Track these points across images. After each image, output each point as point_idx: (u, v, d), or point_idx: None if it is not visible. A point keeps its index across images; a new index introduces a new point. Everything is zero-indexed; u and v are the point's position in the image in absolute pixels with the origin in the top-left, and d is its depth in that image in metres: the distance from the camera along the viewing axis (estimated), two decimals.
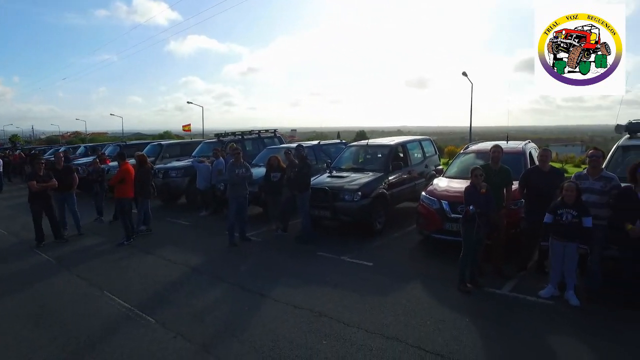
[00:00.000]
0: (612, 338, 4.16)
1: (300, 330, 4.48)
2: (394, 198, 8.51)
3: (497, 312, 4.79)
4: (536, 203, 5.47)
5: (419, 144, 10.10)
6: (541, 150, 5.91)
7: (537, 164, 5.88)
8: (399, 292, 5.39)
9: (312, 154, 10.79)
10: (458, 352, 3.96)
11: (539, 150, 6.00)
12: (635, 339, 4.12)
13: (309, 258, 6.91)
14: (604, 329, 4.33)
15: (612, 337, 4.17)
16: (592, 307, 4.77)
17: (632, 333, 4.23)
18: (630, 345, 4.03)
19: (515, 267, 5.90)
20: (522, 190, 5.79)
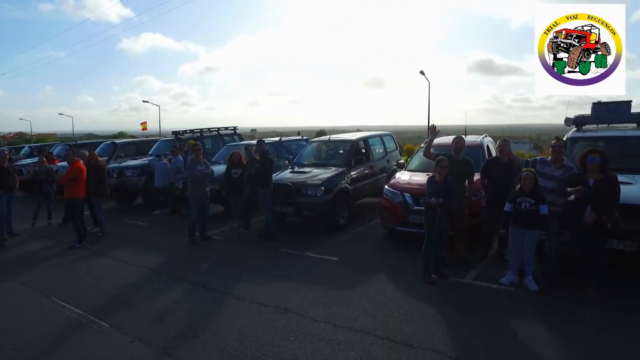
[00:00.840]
0: (568, 318, 4.32)
1: (266, 328, 4.34)
2: (356, 193, 8.51)
3: (462, 301, 4.85)
4: (496, 193, 5.60)
5: (380, 139, 10.17)
6: (500, 141, 6.07)
7: (496, 155, 6.01)
8: (365, 285, 5.36)
9: (273, 151, 10.62)
10: (427, 341, 3.96)
11: (498, 141, 6.15)
12: (588, 318, 4.29)
13: (272, 254, 6.76)
14: (561, 311, 4.48)
15: (568, 318, 4.33)
16: (549, 291, 4.93)
17: (585, 312, 4.40)
18: (583, 323, 4.21)
19: (477, 257, 6.02)
20: (483, 181, 5.92)
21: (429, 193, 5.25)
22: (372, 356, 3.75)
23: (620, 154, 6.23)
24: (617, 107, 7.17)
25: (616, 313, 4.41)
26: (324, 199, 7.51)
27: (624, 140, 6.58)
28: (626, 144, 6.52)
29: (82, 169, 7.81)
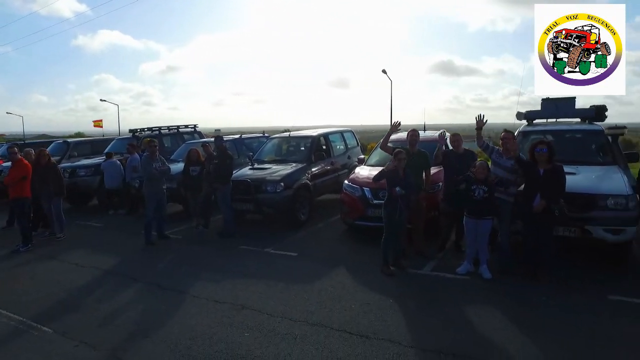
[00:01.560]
0: (520, 303, 4.47)
1: (221, 325, 4.23)
2: (317, 189, 8.48)
3: (419, 291, 4.91)
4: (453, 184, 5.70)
5: (341, 136, 10.19)
6: (452, 135, 6.18)
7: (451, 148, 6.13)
8: (323, 279, 5.33)
9: (233, 148, 10.44)
10: (383, 331, 3.97)
11: (450, 135, 6.27)
12: (537, 303, 4.45)
13: (231, 252, 6.63)
14: (513, 296, 4.62)
15: (520, 302, 4.48)
16: (502, 278, 5.07)
17: (535, 299, 4.54)
18: (533, 307, 4.37)
19: (435, 248, 6.11)
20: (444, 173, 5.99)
21: (391, 183, 5.27)
22: (328, 348, 3.72)
23: (566, 146, 6.53)
24: (563, 103, 7.50)
25: (563, 295, 4.59)
26: (284, 195, 7.44)
27: (569, 133, 6.90)
28: (571, 137, 6.84)
29: (28, 166, 7.38)
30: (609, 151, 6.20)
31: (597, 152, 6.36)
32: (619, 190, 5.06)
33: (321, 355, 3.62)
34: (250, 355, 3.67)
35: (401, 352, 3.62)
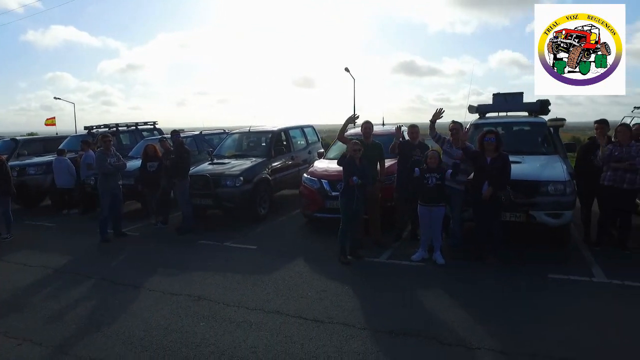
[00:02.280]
0: (469, 285, 4.68)
1: (176, 316, 4.19)
2: (277, 183, 8.51)
3: (375, 278, 5.04)
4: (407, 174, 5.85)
5: (301, 131, 10.24)
6: (409, 127, 6.36)
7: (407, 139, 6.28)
8: (281, 269, 5.37)
9: (194, 145, 10.29)
10: (337, 316, 4.06)
11: (408, 127, 6.45)
12: (486, 284, 4.68)
13: (190, 247, 6.56)
14: (464, 280, 4.83)
15: (470, 285, 4.69)
16: (454, 263, 5.28)
17: (484, 280, 4.78)
18: (482, 288, 4.59)
19: (392, 238, 6.27)
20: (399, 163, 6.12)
21: (348, 173, 5.36)
22: (283, 333, 3.77)
23: (514, 137, 6.87)
24: (512, 98, 7.88)
25: (509, 276, 4.85)
26: (243, 189, 7.42)
27: (516, 125, 7.27)
28: (518, 129, 7.20)
29: None
30: (551, 142, 6.58)
31: (540, 142, 6.72)
32: (558, 177, 5.38)
33: (276, 340, 3.66)
34: (205, 343, 3.67)
35: (354, 334, 3.71)
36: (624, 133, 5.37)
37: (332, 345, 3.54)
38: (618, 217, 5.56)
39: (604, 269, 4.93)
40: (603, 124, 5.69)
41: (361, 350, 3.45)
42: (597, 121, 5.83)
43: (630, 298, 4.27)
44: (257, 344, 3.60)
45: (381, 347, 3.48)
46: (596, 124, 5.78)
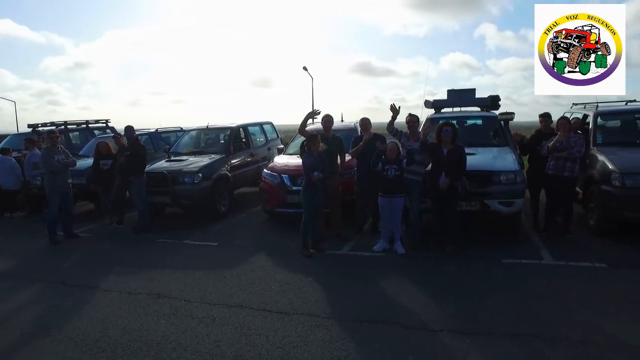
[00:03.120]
0: (429, 272, 4.82)
1: (135, 315, 4.05)
2: (237, 180, 8.39)
3: (338, 269, 5.08)
4: (365, 167, 5.94)
5: (260, 128, 10.15)
6: (360, 120, 6.40)
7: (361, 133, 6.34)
8: (243, 264, 5.31)
9: (149, 143, 9.95)
10: (302, 307, 4.06)
11: (359, 121, 6.48)
12: (445, 271, 4.84)
13: (148, 246, 6.34)
14: (423, 267, 4.97)
15: (429, 272, 4.83)
16: (415, 253, 5.41)
17: (443, 267, 4.94)
18: (441, 275, 4.74)
19: (353, 231, 6.34)
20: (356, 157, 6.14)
21: (309, 167, 5.37)
22: (246, 327, 3.72)
23: (467, 131, 7.15)
24: (465, 94, 8.19)
25: (466, 262, 5.03)
26: (202, 186, 7.26)
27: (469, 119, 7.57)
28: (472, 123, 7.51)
29: None
30: (502, 134, 6.90)
31: (492, 135, 7.03)
32: (509, 167, 5.65)
33: (240, 334, 3.61)
34: (165, 340, 3.56)
35: (320, 324, 3.73)
36: (564, 125, 5.74)
37: (297, 336, 3.54)
38: (562, 205, 5.91)
39: (551, 252, 5.24)
40: (547, 116, 6.10)
41: (327, 338, 3.47)
42: (541, 114, 6.21)
43: (574, 276, 4.57)
44: (221, 338, 3.54)
45: (346, 335, 3.52)
46: (541, 117, 6.16)
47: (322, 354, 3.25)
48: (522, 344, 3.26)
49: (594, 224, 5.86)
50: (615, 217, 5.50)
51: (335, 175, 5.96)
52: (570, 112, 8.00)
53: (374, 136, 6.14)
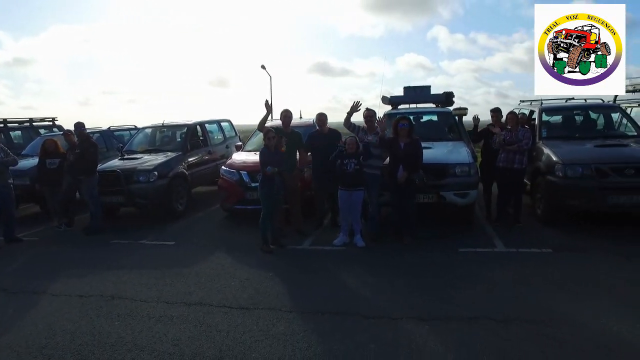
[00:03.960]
0: (388, 264, 4.91)
1: (86, 318, 3.85)
2: (195, 178, 8.20)
3: (299, 264, 5.07)
4: (322, 163, 5.96)
5: (218, 125, 9.97)
6: (316, 116, 6.40)
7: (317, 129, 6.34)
8: (202, 262, 5.19)
9: (101, 141, 9.51)
10: (262, 302, 4.02)
11: (315, 116, 6.49)
12: (404, 262, 4.94)
13: (101, 248, 6.05)
14: (383, 259, 5.05)
15: (388, 263, 4.92)
16: (374, 245, 5.50)
17: (402, 258, 5.05)
18: (400, 265, 4.83)
19: (313, 226, 6.35)
20: (307, 152, 6.16)
21: (264, 163, 5.32)
22: (206, 324, 3.64)
23: (424, 126, 7.35)
24: (421, 90, 8.43)
25: (424, 252, 5.17)
26: (158, 185, 7.03)
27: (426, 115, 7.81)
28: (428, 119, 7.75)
29: None
30: (456, 129, 7.15)
31: (447, 130, 7.26)
32: (464, 160, 5.87)
33: (199, 331, 3.52)
34: (121, 341, 3.41)
35: (281, 317, 3.70)
36: (512, 119, 6.05)
37: (258, 330, 3.50)
38: (512, 196, 6.19)
39: (503, 240, 5.49)
40: (497, 111, 6.41)
41: (288, 331, 3.45)
42: (492, 109, 6.50)
43: (524, 262, 4.81)
44: (180, 337, 3.44)
45: (308, 327, 3.52)
46: (492, 112, 6.45)
47: (284, 346, 3.23)
48: (478, 326, 3.38)
49: (541, 213, 6.18)
50: (559, 206, 5.82)
51: (294, 170, 5.94)
52: (518, 109, 8.40)
53: (329, 131, 6.17)
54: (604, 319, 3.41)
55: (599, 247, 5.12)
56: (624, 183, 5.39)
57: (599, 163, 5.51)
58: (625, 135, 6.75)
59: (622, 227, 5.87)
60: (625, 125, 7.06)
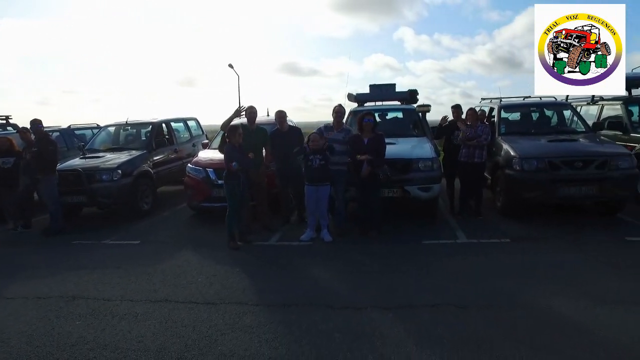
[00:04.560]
0: (354, 257, 5.00)
1: (45, 320, 3.73)
2: (161, 177, 8.06)
3: (266, 259, 5.07)
4: (284, 160, 5.98)
5: (184, 123, 9.83)
6: (276, 113, 6.37)
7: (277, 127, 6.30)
8: (168, 260, 5.13)
9: (61, 140, 9.19)
10: (229, 297, 4.02)
11: (275, 113, 6.46)
12: (369, 254, 5.04)
13: (62, 249, 5.86)
14: (349, 253, 5.14)
15: (354, 257, 5.01)
16: (341, 240, 5.59)
17: (367, 251, 5.16)
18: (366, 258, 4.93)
19: (280, 222, 6.37)
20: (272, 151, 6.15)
21: (228, 159, 5.32)
22: (172, 320, 3.61)
23: (389, 123, 7.53)
24: (386, 88, 8.60)
25: (389, 245, 5.31)
26: (122, 184, 6.88)
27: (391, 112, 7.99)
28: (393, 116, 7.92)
29: None
30: (420, 125, 7.35)
31: (411, 127, 7.44)
32: (427, 155, 6.03)
33: (165, 327, 3.49)
34: (82, 341, 3.34)
35: (247, 311, 3.72)
36: (471, 115, 6.32)
37: (224, 324, 3.50)
38: (474, 189, 6.43)
39: (465, 232, 5.70)
40: (458, 108, 6.70)
41: (255, 324, 3.48)
42: (453, 106, 6.78)
43: (484, 251, 5.00)
44: (145, 333, 3.40)
45: (274, 319, 3.55)
46: (452, 108, 6.72)
47: (250, 338, 3.25)
48: (439, 313, 3.51)
49: (500, 205, 6.44)
50: (516, 198, 6.09)
51: (260, 167, 5.95)
52: (479, 106, 8.71)
53: (288, 129, 6.19)
54: (553, 301, 3.63)
55: (552, 236, 5.41)
56: (574, 175, 5.70)
57: (552, 157, 5.81)
58: (575, 131, 7.12)
59: (572, 217, 6.22)
60: (576, 122, 7.45)
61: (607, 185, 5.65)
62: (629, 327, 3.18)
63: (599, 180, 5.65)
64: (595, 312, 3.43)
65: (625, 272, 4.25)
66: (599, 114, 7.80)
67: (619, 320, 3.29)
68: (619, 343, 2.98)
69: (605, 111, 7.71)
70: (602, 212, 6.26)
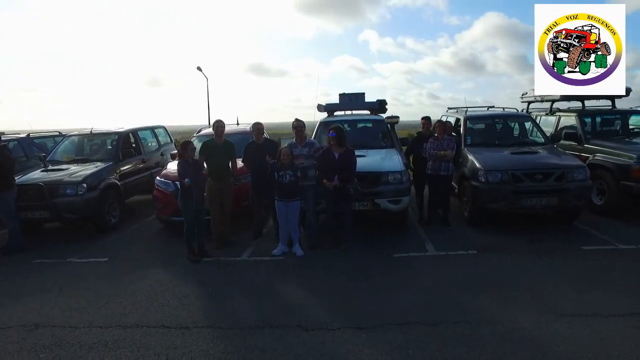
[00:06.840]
0: (326, 271, 5.08)
1: (5, 353, 3.58)
2: (128, 188, 7.86)
3: (238, 277, 5.06)
4: (258, 172, 5.97)
5: (152, 132, 9.62)
6: (252, 125, 6.37)
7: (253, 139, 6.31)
8: (139, 280, 5.02)
9: (19, 150, 8.81)
10: (202, 320, 3.99)
11: (251, 126, 6.44)
12: (341, 269, 5.13)
13: (22, 269, 5.63)
14: (320, 267, 5.21)
15: (327, 271, 5.08)
16: (313, 253, 5.65)
17: (339, 265, 5.23)
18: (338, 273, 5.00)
19: (251, 236, 6.35)
20: (248, 164, 6.11)
21: (181, 175, 5.35)
22: (144, 347, 3.56)
23: (359, 133, 7.63)
24: (356, 98, 8.70)
25: (360, 258, 5.42)
26: (88, 198, 6.66)
27: (360, 122, 8.09)
28: (363, 126, 8.03)
29: None
30: (389, 136, 7.49)
31: (381, 138, 7.58)
32: (396, 168, 6.17)
33: (137, 356, 3.44)
34: None
35: (222, 335, 3.71)
36: (440, 128, 6.49)
37: (198, 350, 3.48)
38: (441, 200, 6.63)
39: (434, 244, 5.85)
40: (427, 120, 6.82)
41: (229, 349, 3.48)
42: (423, 117, 6.92)
43: (452, 264, 5.17)
44: None
45: (249, 343, 3.55)
46: (422, 119, 6.87)
47: None
48: (410, 332, 3.61)
49: (467, 215, 6.67)
50: (482, 208, 6.32)
51: (227, 180, 5.95)
52: (446, 115, 8.96)
53: (264, 142, 6.18)
54: (518, 315, 3.81)
55: (516, 246, 5.65)
56: (535, 187, 5.99)
57: (515, 169, 6.07)
58: (535, 143, 7.44)
59: (534, 226, 6.49)
60: (536, 133, 7.78)
61: (565, 196, 5.96)
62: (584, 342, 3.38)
63: (558, 191, 5.96)
64: (555, 326, 3.62)
65: (583, 282, 4.50)
66: (557, 124, 8.18)
67: (577, 333, 3.50)
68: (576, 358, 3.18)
69: (562, 121, 8.09)
70: (560, 220, 6.57)
